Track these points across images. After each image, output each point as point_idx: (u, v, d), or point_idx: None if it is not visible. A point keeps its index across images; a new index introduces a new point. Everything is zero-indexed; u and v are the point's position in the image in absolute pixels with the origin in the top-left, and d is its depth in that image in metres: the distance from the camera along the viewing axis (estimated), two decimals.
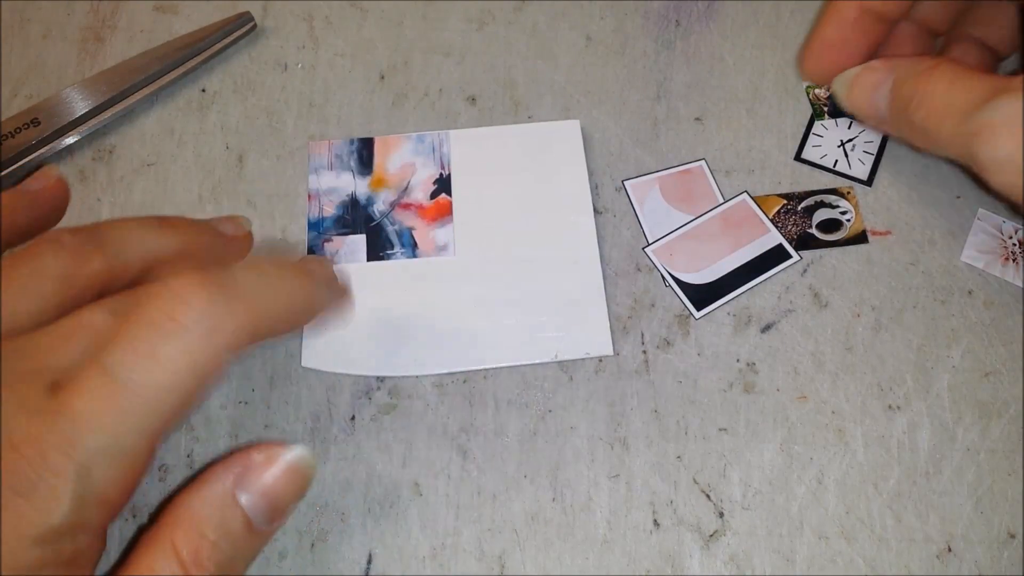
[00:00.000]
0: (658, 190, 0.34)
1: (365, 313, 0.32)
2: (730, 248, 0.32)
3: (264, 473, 0.24)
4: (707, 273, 0.32)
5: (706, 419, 0.30)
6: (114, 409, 0.22)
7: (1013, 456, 0.29)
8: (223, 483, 0.23)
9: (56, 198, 0.29)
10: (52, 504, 0.21)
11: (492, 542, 0.28)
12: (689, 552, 0.28)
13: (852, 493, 0.28)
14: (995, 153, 0.25)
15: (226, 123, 0.36)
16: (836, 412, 0.30)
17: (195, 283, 0.23)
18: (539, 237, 0.33)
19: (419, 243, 0.33)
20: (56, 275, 0.25)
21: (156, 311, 0.23)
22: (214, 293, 0.23)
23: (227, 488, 0.23)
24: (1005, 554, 0.28)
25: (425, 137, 0.35)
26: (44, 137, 0.34)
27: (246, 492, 0.24)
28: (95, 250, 0.26)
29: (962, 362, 0.30)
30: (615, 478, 0.29)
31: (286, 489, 0.24)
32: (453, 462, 0.30)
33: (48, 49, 0.38)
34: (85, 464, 0.21)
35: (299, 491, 0.24)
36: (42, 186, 0.29)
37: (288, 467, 0.24)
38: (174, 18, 0.39)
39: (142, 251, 0.27)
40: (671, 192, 0.34)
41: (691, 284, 0.32)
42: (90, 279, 0.25)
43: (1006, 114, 0.25)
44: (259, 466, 0.24)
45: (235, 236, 0.30)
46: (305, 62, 0.37)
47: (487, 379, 0.31)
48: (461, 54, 0.37)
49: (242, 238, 0.30)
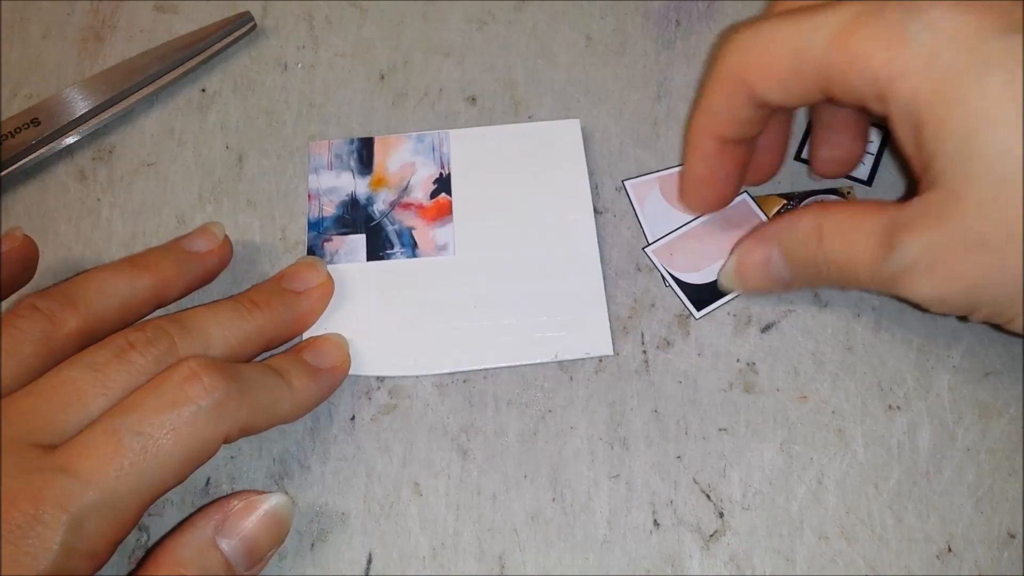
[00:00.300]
0: (658, 190, 0.34)
1: (365, 313, 0.32)
2: (731, 248, 0.32)
3: (243, 520, 0.25)
4: (707, 273, 0.32)
5: (706, 419, 0.30)
6: (116, 469, 0.24)
7: (1013, 456, 0.29)
8: (204, 529, 0.25)
9: (25, 256, 0.31)
10: (41, 552, 0.22)
11: (492, 542, 0.28)
12: (689, 552, 0.28)
13: (852, 493, 0.28)
14: (922, 294, 0.25)
15: (226, 123, 0.36)
16: (836, 412, 0.30)
17: (215, 370, 0.26)
18: (539, 237, 0.33)
19: (419, 243, 0.33)
20: (35, 339, 0.26)
21: (174, 387, 0.25)
22: (231, 386, 0.26)
23: (208, 534, 0.25)
24: (1005, 554, 0.28)
25: (425, 137, 0.35)
26: (44, 137, 0.34)
27: (226, 538, 0.25)
28: (70, 311, 0.27)
29: (962, 362, 0.30)
30: (615, 478, 0.29)
31: (264, 535, 0.26)
32: (453, 462, 0.30)
33: (48, 49, 0.38)
34: (78, 517, 0.23)
35: (277, 537, 0.26)
36: (9, 247, 0.30)
37: (266, 514, 0.26)
38: (174, 18, 0.39)
39: (116, 302, 0.28)
40: (672, 192, 0.34)
41: (691, 284, 0.32)
42: (67, 338, 0.27)
43: (914, 258, 0.24)
44: (238, 513, 0.25)
45: (210, 251, 0.31)
46: (305, 62, 0.37)
47: (487, 379, 0.31)
48: (461, 54, 0.37)
49: (217, 250, 0.32)
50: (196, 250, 0.31)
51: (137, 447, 0.24)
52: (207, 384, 0.25)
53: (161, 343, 0.26)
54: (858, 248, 0.26)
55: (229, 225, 0.34)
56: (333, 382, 0.30)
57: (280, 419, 0.28)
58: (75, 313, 0.27)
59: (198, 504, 0.29)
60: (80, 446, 0.24)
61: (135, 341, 0.26)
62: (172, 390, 0.25)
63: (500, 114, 0.36)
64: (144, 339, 0.26)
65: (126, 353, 0.26)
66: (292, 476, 0.29)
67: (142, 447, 0.24)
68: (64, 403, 0.25)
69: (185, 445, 0.25)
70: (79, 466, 0.23)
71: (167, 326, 0.27)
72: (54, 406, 0.25)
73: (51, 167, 0.35)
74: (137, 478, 0.24)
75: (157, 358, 0.26)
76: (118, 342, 0.26)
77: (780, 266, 0.29)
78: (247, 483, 0.29)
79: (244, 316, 0.29)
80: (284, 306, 0.30)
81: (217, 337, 0.28)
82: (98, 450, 0.24)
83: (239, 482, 0.29)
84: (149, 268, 0.29)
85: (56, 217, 0.34)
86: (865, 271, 0.26)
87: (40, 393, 0.25)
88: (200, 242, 0.31)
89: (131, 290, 0.29)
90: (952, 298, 0.24)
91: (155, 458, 0.24)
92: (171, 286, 0.30)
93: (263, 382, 0.27)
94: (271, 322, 0.29)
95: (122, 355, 0.26)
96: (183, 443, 0.25)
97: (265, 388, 0.27)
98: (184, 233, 0.32)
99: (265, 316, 0.29)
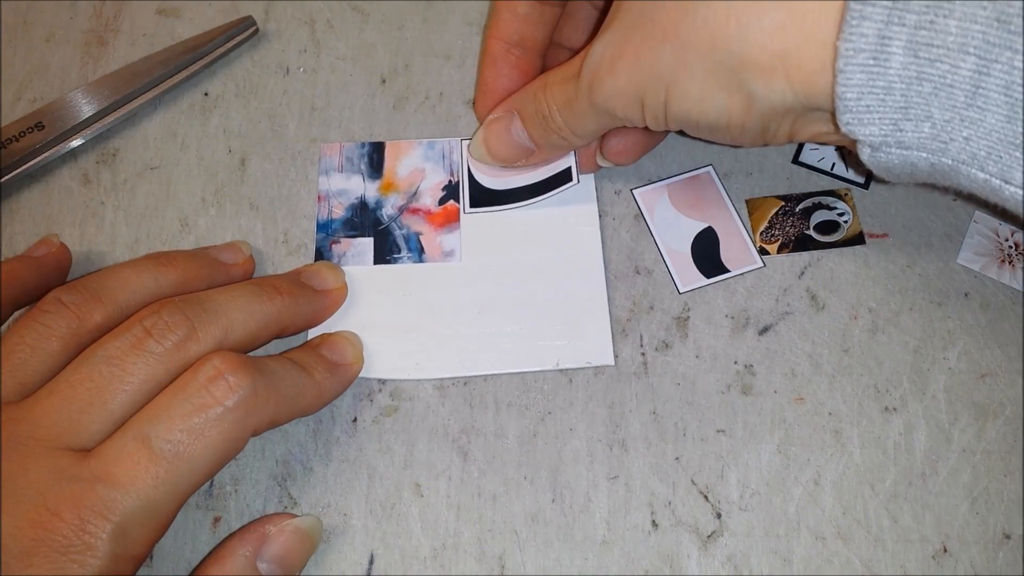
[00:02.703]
0: (667, 198, 0.34)
1: (369, 316, 0.32)
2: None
3: (277, 541, 0.27)
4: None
5: (704, 421, 0.30)
6: (152, 477, 0.24)
7: (1009, 457, 0.29)
8: (243, 554, 0.27)
9: (59, 261, 0.32)
10: (88, 560, 0.23)
11: (492, 543, 0.29)
12: (687, 553, 0.28)
13: (849, 494, 0.29)
14: (606, 91, 0.27)
15: (228, 126, 0.36)
16: (833, 413, 0.30)
17: (239, 368, 0.26)
18: (544, 245, 0.33)
19: (426, 248, 0.33)
20: (61, 334, 0.27)
21: (199, 389, 0.25)
22: (257, 381, 0.26)
23: (248, 558, 0.26)
24: (1000, 554, 0.28)
25: (436, 143, 0.35)
26: (48, 141, 0.35)
27: (264, 560, 0.27)
28: (95, 305, 0.28)
29: (958, 364, 0.31)
30: (614, 479, 0.29)
31: (298, 552, 0.27)
32: (454, 463, 0.30)
33: (51, 53, 0.39)
34: (121, 526, 0.24)
35: (308, 552, 0.28)
36: (46, 252, 0.32)
37: (297, 532, 0.27)
38: (176, 22, 0.39)
39: (141, 296, 0.29)
40: (681, 199, 0.34)
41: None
42: (93, 333, 0.27)
43: (596, 61, 0.27)
44: (273, 537, 0.27)
45: (234, 264, 0.31)
46: (307, 66, 0.38)
47: (487, 381, 0.31)
48: (461, 57, 0.37)
49: (242, 264, 0.32)
50: (222, 259, 0.31)
51: (170, 454, 0.24)
52: (232, 383, 0.25)
53: (180, 328, 0.26)
54: (569, 84, 0.29)
55: (231, 228, 0.34)
56: (349, 378, 0.30)
57: (302, 412, 0.29)
58: (100, 307, 0.27)
59: (201, 504, 0.29)
60: (114, 455, 0.24)
61: (151, 327, 0.26)
62: (198, 392, 0.25)
63: None
64: (161, 324, 0.26)
65: (143, 342, 0.26)
66: (295, 477, 0.30)
67: (175, 454, 0.24)
68: (86, 403, 0.25)
69: (215, 446, 0.25)
70: (116, 476, 0.24)
71: (186, 308, 0.27)
72: (77, 406, 0.25)
73: (55, 170, 0.36)
74: (172, 484, 0.25)
75: (176, 345, 0.26)
76: (134, 330, 0.26)
77: (520, 131, 0.32)
78: (251, 484, 0.30)
79: (265, 300, 0.29)
80: (305, 298, 0.30)
81: (237, 320, 0.28)
82: (132, 459, 0.24)
83: (242, 483, 0.30)
84: (173, 265, 0.29)
85: (60, 220, 0.35)
86: (574, 100, 0.29)
87: (62, 393, 0.25)
88: (227, 254, 0.32)
89: (155, 285, 0.29)
90: (628, 88, 0.27)
91: (188, 463, 0.25)
92: (194, 286, 0.30)
93: (287, 376, 0.28)
94: (288, 310, 0.29)
95: (139, 345, 0.26)
96: (213, 445, 0.25)
97: (289, 381, 0.28)
98: (183, 235, 0.32)
99: (285, 303, 0.29)
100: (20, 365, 0.26)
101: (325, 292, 0.31)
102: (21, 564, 0.23)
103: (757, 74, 0.24)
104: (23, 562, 0.23)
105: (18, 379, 0.26)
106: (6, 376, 0.26)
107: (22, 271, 0.30)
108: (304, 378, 0.28)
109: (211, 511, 0.29)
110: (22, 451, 0.24)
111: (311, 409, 0.29)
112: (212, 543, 0.29)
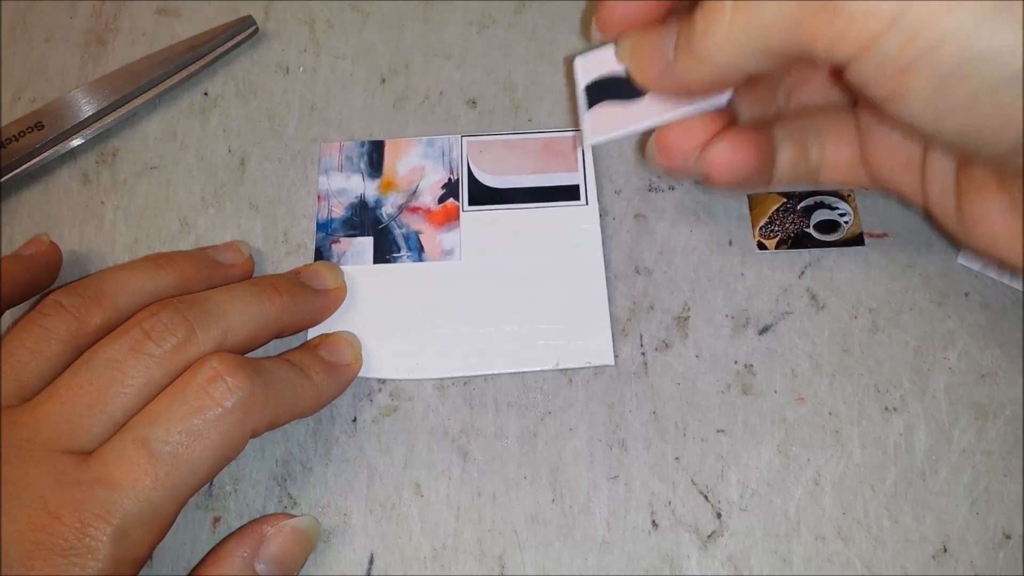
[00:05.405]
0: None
1: (369, 316, 0.32)
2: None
3: (275, 542, 0.27)
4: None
5: (704, 421, 0.30)
6: (152, 479, 0.24)
7: (1009, 457, 0.29)
8: (240, 555, 0.27)
9: (48, 260, 0.32)
10: (89, 563, 0.23)
11: (492, 543, 0.29)
12: (687, 553, 0.28)
13: (849, 494, 0.29)
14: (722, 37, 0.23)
15: (228, 126, 0.36)
16: (833, 413, 0.30)
17: (238, 369, 0.26)
18: (545, 245, 0.33)
19: (426, 247, 0.33)
20: (61, 337, 0.27)
21: (198, 390, 0.25)
22: (256, 383, 0.26)
23: (245, 559, 0.26)
24: (1001, 555, 0.28)
25: (435, 141, 0.35)
26: (48, 140, 0.35)
27: (261, 561, 0.27)
28: (95, 307, 0.28)
29: (959, 364, 0.30)
30: (614, 479, 0.29)
31: (294, 551, 0.27)
32: (454, 464, 0.30)
33: (51, 52, 0.39)
34: (122, 529, 0.24)
35: (306, 552, 0.28)
36: (36, 251, 0.32)
37: (294, 531, 0.27)
38: (176, 21, 0.39)
39: (140, 298, 0.29)
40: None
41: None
42: (92, 335, 0.27)
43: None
44: (271, 537, 0.27)
45: (234, 264, 0.31)
46: (306, 65, 0.38)
47: (487, 381, 0.31)
48: (461, 57, 0.37)
49: (241, 264, 0.32)
50: (221, 260, 0.31)
51: (169, 456, 0.24)
52: (231, 384, 0.25)
53: (179, 330, 0.26)
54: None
55: (231, 228, 0.34)
56: (347, 378, 0.30)
57: (301, 413, 0.29)
58: (99, 309, 0.27)
59: (201, 504, 0.29)
60: (113, 458, 0.24)
61: (150, 329, 0.26)
62: (196, 394, 0.25)
63: (500, 117, 0.36)
64: (160, 326, 0.26)
65: (142, 345, 0.26)
66: (294, 477, 0.30)
67: (174, 455, 0.24)
68: (86, 406, 0.25)
69: (214, 447, 0.25)
70: (116, 478, 0.24)
71: (185, 310, 0.27)
72: (77, 409, 0.25)
73: (55, 170, 0.36)
74: (172, 486, 0.25)
75: (175, 347, 0.26)
76: (133, 333, 0.26)
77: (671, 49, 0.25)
78: (250, 484, 0.30)
79: (264, 301, 0.29)
80: (304, 298, 0.30)
81: (236, 321, 0.28)
82: (131, 461, 0.24)
83: (242, 483, 0.30)
84: (172, 266, 0.29)
85: (60, 220, 0.35)
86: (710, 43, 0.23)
87: (61, 397, 0.25)
88: (226, 254, 0.32)
89: (154, 286, 0.29)
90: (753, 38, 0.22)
91: (188, 464, 0.25)
92: (193, 287, 0.29)
93: (285, 377, 0.28)
94: (288, 310, 0.29)
95: (138, 348, 0.26)
96: (212, 447, 0.25)
97: (287, 382, 0.27)
98: (183, 235, 0.32)
99: (284, 302, 0.29)
100: (20, 368, 0.26)
101: (324, 292, 0.31)
102: (22, 567, 0.23)
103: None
104: (24, 565, 0.23)
105: (18, 382, 0.26)
106: (6, 380, 0.26)
107: (11, 270, 0.30)
108: (302, 380, 0.28)
109: (211, 511, 0.29)
110: (22, 454, 0.24)
111: (310, 410, 0.29)
112: (212, 543, 0.29)
